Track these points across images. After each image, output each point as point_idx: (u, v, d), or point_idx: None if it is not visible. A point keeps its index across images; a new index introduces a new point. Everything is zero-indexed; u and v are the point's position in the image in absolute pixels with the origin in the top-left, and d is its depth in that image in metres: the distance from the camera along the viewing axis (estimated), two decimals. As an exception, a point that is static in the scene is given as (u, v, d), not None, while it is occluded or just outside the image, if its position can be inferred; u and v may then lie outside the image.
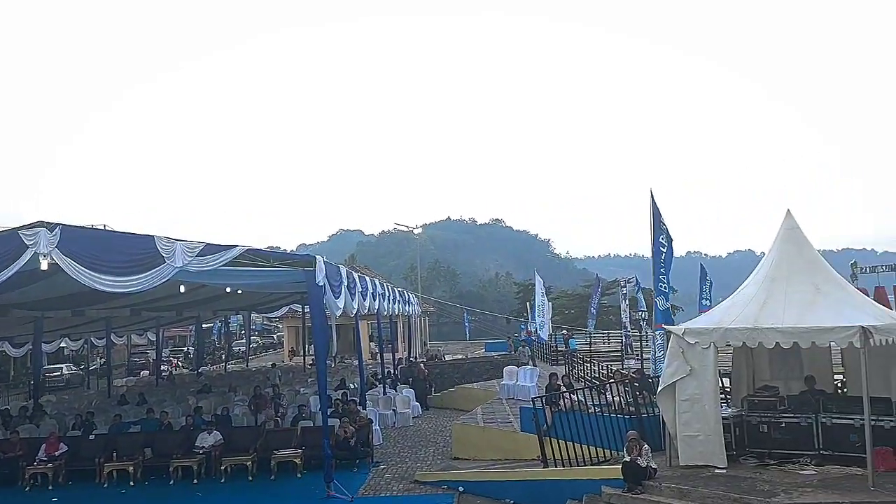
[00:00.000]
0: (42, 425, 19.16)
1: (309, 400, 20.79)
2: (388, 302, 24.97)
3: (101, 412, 20.66)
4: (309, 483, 14.37)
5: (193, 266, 13.14)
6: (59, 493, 15.00)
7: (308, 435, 16.10)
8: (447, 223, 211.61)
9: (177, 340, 61.60)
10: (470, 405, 22.44)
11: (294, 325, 46.42)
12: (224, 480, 15.11)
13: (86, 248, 13.00)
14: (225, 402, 21.93)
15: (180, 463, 15.49)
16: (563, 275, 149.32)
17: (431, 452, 17.60)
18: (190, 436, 16.54)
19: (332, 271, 15.29)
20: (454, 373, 32.11)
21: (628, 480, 10.66)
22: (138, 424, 18.39)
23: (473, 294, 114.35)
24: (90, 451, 16.12)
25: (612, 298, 53.76)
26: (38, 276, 14.27)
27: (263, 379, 28.74)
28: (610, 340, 40.13)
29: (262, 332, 72.32)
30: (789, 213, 12.33)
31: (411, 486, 14.19)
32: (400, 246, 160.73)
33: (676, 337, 11.40)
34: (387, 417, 21.63)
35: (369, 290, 20.39)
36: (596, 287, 36.45)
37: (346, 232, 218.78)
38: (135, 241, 13.37)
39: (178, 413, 19.97)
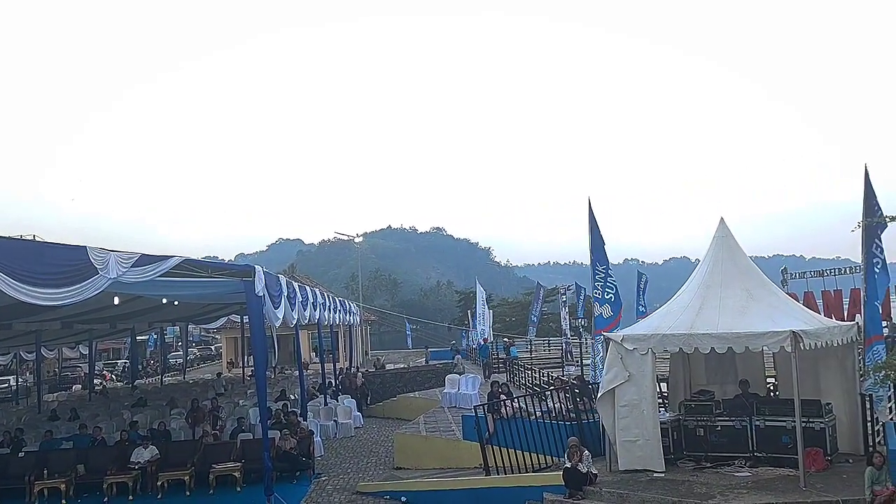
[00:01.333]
0: (-33, 443, 18.38)
1: (248, 412, 20.46)
2: (329, 311, 24.79)
3: (30, 428, 19.97)
4: (249, 497, 14.15)
5: (128, 277, 12.81)
6: (-14, 513, 14.47)
7: (248, 447, 15.85)
8: (388, 232, 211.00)
9: (111, 353, 59.85)
10: (412, 414, 22.41)
11: (233, 336, 45.56)
12: (161, 496, 14.79)
13: (14, 260, 12.52)
14: (161, 415, 21.40)
15: (115, 479, 15.06)
16: (504, 283, 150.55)
17: (374, 463, 17.53)
18: (125, 451, 16.11)
19: (271, 281, 15.13)
20: (396, 382, 32.04)
21: (569, 486, 10.80)
22: (70, 440, 17.83)
23: (415, 303, 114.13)
24: (19, 469, 15.55)
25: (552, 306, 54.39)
26: (-38, 288, 13.71)
27: (202, 391, 28.15)
28: (550, 347, 40.58)
29: (200, 343, 70.81)
30: (723, 221, 12.70)
31: (353, 497, 14.11)
32: (341, 255, 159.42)
33: (615, 343, 11.62)
34: (328, 428, 21.45)
35: (309, 299, 20.20)
36: (537, 294, 36.77)
37: (286, 241, 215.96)
38: (66, 253, 12.95)
39: (113, 428, 19.43)
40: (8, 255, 12.47)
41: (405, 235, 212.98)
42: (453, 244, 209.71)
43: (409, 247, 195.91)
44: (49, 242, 13.91)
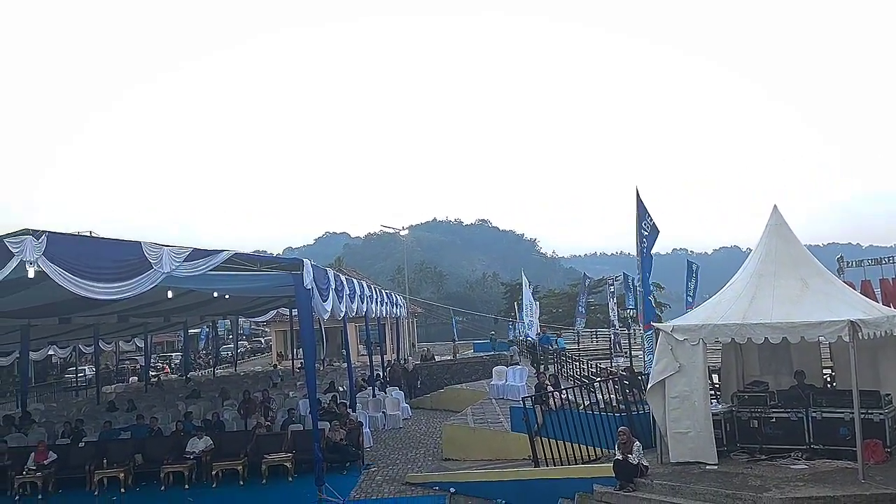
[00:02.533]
0: (31, 433, 19.00)
1: (298, 403, 20.76)
2: (376, 304, 24.99)
3: (90, 419, 20.54)
4: (300, 487, 14.34)
5: (181, 271, 13.09)
6: (50, 501, 14.94)
7: (298, 438, 16.06)
8: (433, 224, 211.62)
9: (165, 346, 61.30)
10: (460, 406, 22.46)
11: (281, 329, 46.27)
12: (215, 485, 15.08)
13: (72, 255, 12.91)
14: (214, 407, 21.86)
15: (171, 469, 15.42)
16: (550, 274, 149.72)
17: (422, 454, 17.62)
18: (180, 441, 16.48)
19: (319, 274, 15.29)
20: (443, 373, 32.15)
21: (620, 478, 10.71)
22: (128, 431, 18.32)
23: (461, 295, 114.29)
24: (80, 459, 16.00)
25: (599, 297, 53.96)
26: (25, 283, 14.16)
27: (253, 383, 28.64)
28: (598, 339, 40.26)
29: (250, 336, 72.03)
30: (776, 208, 12.42)
31: (403, 487, 14.21)
32: (386, 248, 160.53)
33: (665, 334, 11.47)
34: (377, 420, 21.63)
35: (357, 292, 20.38)
36: (583, 285, 36.48)
37: (333, 235, 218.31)
38: (122, 248, 13.29)
39: (168, 419, 19.88)
40: (67, 252, 12.88)
41: (450, 228, 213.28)
42: (499, 236, 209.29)
43: (454, 239, 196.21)
44: (105, 238, 14.30)
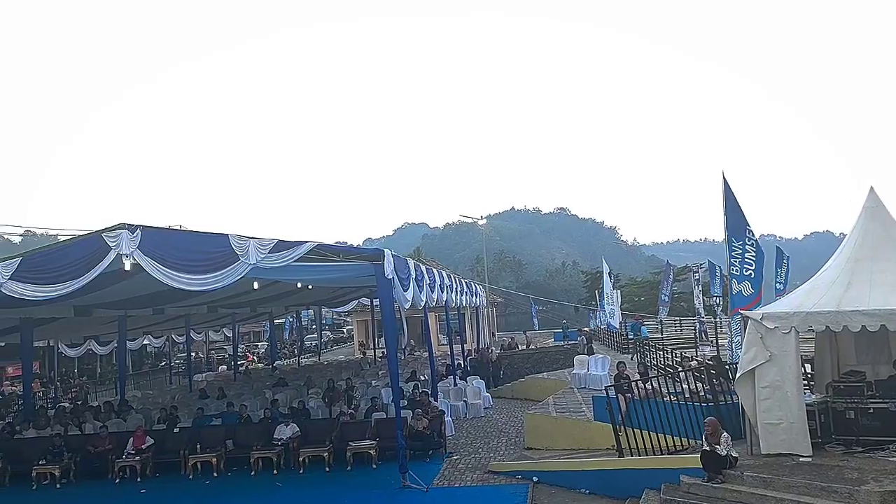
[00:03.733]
0: (129, 419, 19.92)
1: (381, 392, 21.06)
2: (456, 293, 25.06)
3: (183, 406, 21.36)
4: (384, 474, 14.56)
5: (266, 263, 13.43)
6: (148, 484, 15.62)
7: (382, 426, 16.31)
8: (511, 213, 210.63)
9: (251, 336, 63.22)
10: (541, 395, 22.36)
11: (363, 319, 47.02)
12: (303, 471, 15.47)
13: (165, 248, 13.44)
14: (300, 395, 22.40)
15: (260, 454, 15.91)
16: (631, 262, 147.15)
17: (504, 443, 17.62)
18: (268, 428, 16.95)
19: (400, 264, 15.42)
20: (524, 363, 32.05)
21: (708, 469, 10.46)
22: (219, 418, 18.94)
23: (540, 284, 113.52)
24: (175, 444, 16.69)
25: (682, 285, 52.73)
26: (121, 276, 14.81)
27: (337, 372, 29.21)
28: (682, 328, 39.39)
29: (333, 326, 73.55)
30: (872, 190, 11.85)
31: (485, 476, 14.24)
32: (465, 237, 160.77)
33: (755, 322, 11.10)
34: (458, 409, 21.74)
35: (437, 282, 20.48)
36: (667, 273, 35.66)
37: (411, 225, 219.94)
38: (210, 240, 13.75)
39: (256, 406, 20.49)
40: (159, 244, 13.40)
41: (529, 216, 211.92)
42: (578, 224, 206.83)
43: (533, 228, 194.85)
44: (195, 231, 14.81)
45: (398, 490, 13.45)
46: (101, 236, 13.40)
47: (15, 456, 16.73)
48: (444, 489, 13.55)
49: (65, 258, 13.77)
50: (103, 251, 13.28)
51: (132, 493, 15.08)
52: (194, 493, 14.76)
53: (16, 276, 13.72)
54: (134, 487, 15.46)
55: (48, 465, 16.07)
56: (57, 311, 19.47)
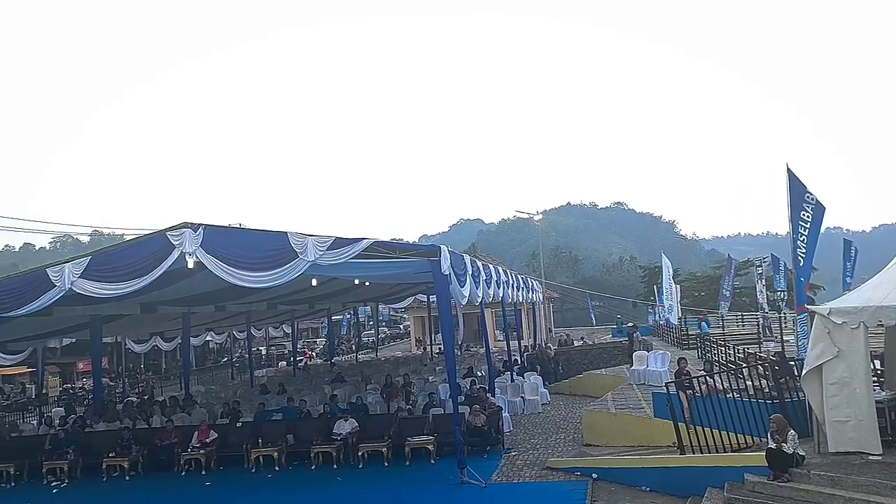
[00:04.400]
0: (193, 414, 20.43)
1: (438, 388, 21.13)
2: (512, 289, 24.98)
3: (245, 401, 21.79)
4: (443, 469, 14.61)
5: (324, 260, 13.61)
6: (212, 477, 16.01)
7: (439, 422, 16.38)
8: (567, 208, 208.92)
9: (310, 332, 64.15)
10: (599, 391, 22.14)
11: (419, 315, 47.28)
12: (362, 466, 15.64)
13: (226, 246, 13.75)
14: (358, 390, 22.64)
15: (320, 449, 16.13)
16: (691, 256, 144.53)
17: (562, 439, 17.51)
18: (328, 423, 17.18)
19: (456, 260, 15.43)
20: (581, 358, 31.78)
21: (774, 468, 10.21)
22: (280, 412, 19.26)
23: (597, 279, 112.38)
24: (238, 438, 17.06)
25: (744, 279, 51.62)
26: (184, 274, 15.20)
27: (394, 367, 29.43)
28: (744, 323, 38.55)
29: (389, 322, 74.09)
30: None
31: (543, 472, 14.18)
32: (520, 233, 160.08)
33: (822, 317, 10.77)
34: (515, 405, 21.68)
35: (493, 277, 20.44)
36: (728, 268, 34.95)
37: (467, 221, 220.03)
38: (269, 238, 14.00)
39: (316, 401, 20.78)
40: (221, 243, 13.71)
41: (585, 211, 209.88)
42: (635, 218, 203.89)
43: (589, 223, 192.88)
44: (254, 229, 15.08)
45: (456, 485, 13.49)
46: (165, 235, 13.79)
47: (86, 448, 17.34)
48: (502, 485, 13.54)
49: (131, 257, 14.24)
50: (167, 250, 13.67)
51: (198, 486, 15.45)
52: (257, 487, 15.05)
53: (85, 274, 14.24)
54: (199, 480, 15.85)
55: (117, 458, 16.61)
56: (124, 308, 20.05)
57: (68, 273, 14.24)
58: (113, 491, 15.72)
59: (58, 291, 14.32)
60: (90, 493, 15.71)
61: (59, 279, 14.27)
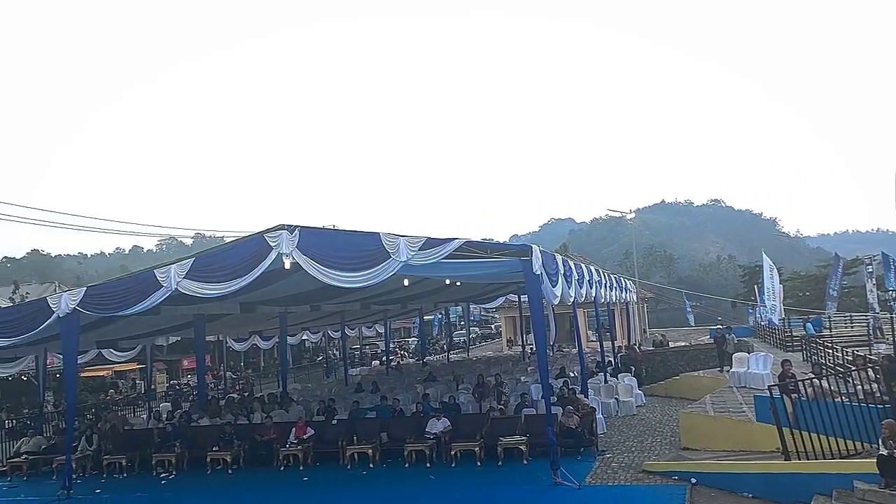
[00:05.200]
0: (291, 411, 21.01)
1: (530, 388, 21.00)
2: (605, 289, 24.57)
3: (340, 399, 22.24)
4: (535, 470, 14.50)
5: (416, 260, 13.72)
6: (309, 473, 16.43)
7: (532, 422, 16.26)
8: (661, 206, 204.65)
9: (402, 332, 64.93)
10: (697, 394, 21.51)
11: (511, 315, 47.18)
12: (454, 465, 15.70)
13: (321, 247, 14.07)
14: (449, 390, 22.75)
15: (413, 447, 16.28)
16: (794, 255, 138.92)
17: (658, 442, 17.11)
18: (421, 422, 17.33)
19: (548, 260, 15.28)
20: (678, 360, 30.95)
21: (886, 475, 9.65)
22: (374, 411, 19.57)
23: (693, 279, 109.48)
24: (333, 435, 17.44)
25: (852, 278, 49.18)
26: (281, 274, 15.64)
27: (486, 367, 29.45)
28: (853, 324, 36.71)
29: (480, 322, 74.16)
30: None
31: (639, 475, 13.88)
32: (613, 232, 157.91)
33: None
34: (609, 406, 21.33)
35: (585, 277, 20.16)
36: (835, 266, 33.36)
37: (558, 221, 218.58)
38: (363, 239, 14.23)
39: (409, 400, 21.01)
40: (316, 244, 14.04)
41: (680, 209, 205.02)
42: (733, 216, 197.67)
43: (684, 221, 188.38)
44: (347, 230, 15.38)
45: (550, 486, 13.35)
46: (263, 237, 14.24)
47: (192, 442, 18.12)
48: (596, 487, 13.33)
49: (231, 258, 14.77)
50: (265, 251, 14.12)
51: (296, 481, 15.87)
52: (352, 483, 15.33)
53: (189, 275, 14.86)
54: (297, 475, 16.28)
55: (221, 452, 17.27)
56: (225, 307, 20.79)
57: (174, 274, 14.90)
58: (217, 483, 16.34)
59: (164, 291, 15.01)
60: (196, 485, 16.37)
61: (166, 280, 14.95)
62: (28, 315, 16.66)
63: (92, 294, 15.90)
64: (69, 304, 15.76)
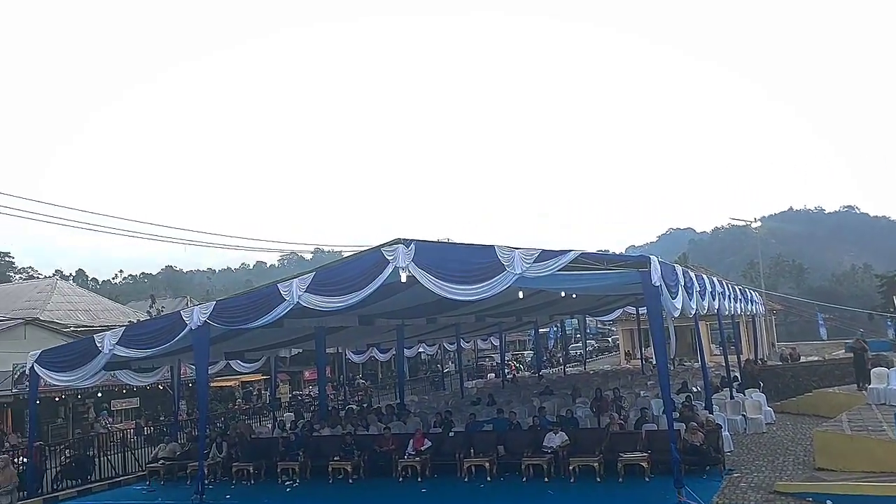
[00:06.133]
0: (408, 422, 21.26)
1: (650, 403, 20.40)
2: (729, 300, 23.54)
3: (456, 411, 22.33)
4: (658, 488, 14.02)
5: (531, 272, 13.63)
6: (427, 484, 16.55)
7: (653, 438, 15.77)
8: (789, 214, 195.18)
9: (517, 344, 64.71)
10: (832, 411, 20.25)
11: (628, 328, 46.06)
12: (573, 480, 15.40)
13: (436, 261, 14.24)
14: (566, 403, 22.40)
15: (530, 461, 16.09)
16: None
17: (790, 461, 16.20)
18: (537, 435, 17.12)
19: (667, 271, 14.79)
20: (810, 376, 29.30)
21: None
22: (490, 423, 19.50)
23: (825, 289, 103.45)
24: (450, 447, 17.48)
25: None
26: (398, 287, 15.90)
27: (603, 381, 28.86)
28: None
29: (597, 335, 72.91)
30: None
31: (770, 496, 13.16)
32: (736, 242, 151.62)
33: None
34: (736, 423, 20.38)
35: (707, 288, 19.38)
36: None
37: (676, 231, 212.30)
38: (477, 252, 14.30)
39: (525, 413, 20.82)
40: (431, 257, 14.22)
41: (809, 217, 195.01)
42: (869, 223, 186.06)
43: (814, 229, 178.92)
44: (462, 244, 15.50)
45: (674, 505, 12.91)
46: (380, 251, 14.57)
47: (314, 451, 18.63)
48: (724, 508, 12.76)
49: (349, 272, 15.19)
50: (382, 265, 14.42)
51: (414, 492, 16.04)
52: (470, 496, 15.35)
53: (310, 289, 15.38)
54: (415, 486, 16.44)
55: (341, 462, 17.67)
56: (345, 320, 21.31)
57: (295, 288, 15.44)
58: (338, 492, 16.75)
59: (287, 305, 15.57)
60: (318, 494, 16.85)
61: (288, 294, 15.51)
62: (164, 328, 17.68)
63: (221, 307, 16.72)
64: (200, 317, 16.61)
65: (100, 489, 19.51)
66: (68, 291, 45.98)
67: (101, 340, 17.92)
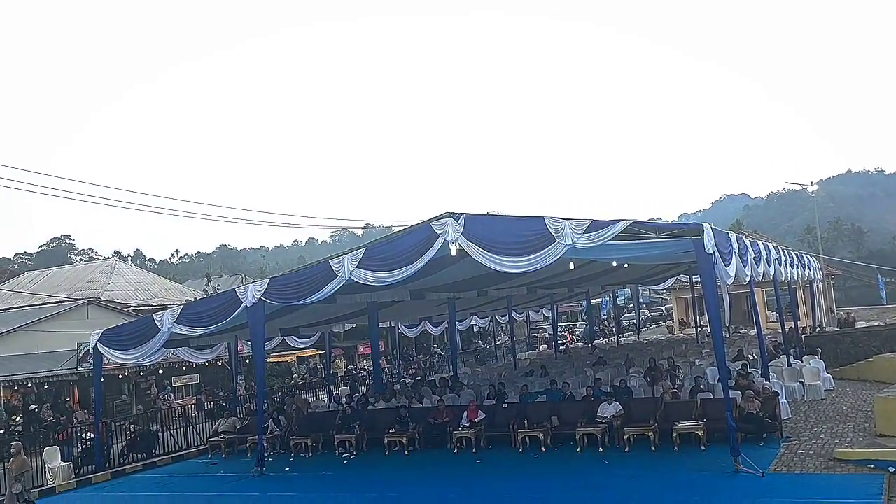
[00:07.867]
0: (462, 395, 21.48)
1: (705, 372, 20.23)
2: (785, 266, 23.09)
3: (509, 383, 22.45)
4: (714, 456, 13.97)
5: (581, 243, 13.56)
6: (482, 455, 16.75)
7: (708, 407, 15.68)
8: (847, 176, 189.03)
9: (569, 315, 64.51)
10: (894, 377, 19.83)
11: (682, 297, 45.54)
12: (628, 450, 15.42)
13: (486, 233, 14.27)
14: (620, 373, 22.34)
15: (584, 431, 16.16)
16: None
17: (850, 428, 15.91)
18: (591, 406, 17.14)
19: (720, 238, 14.59)
20: (870, 341, 28.60)
21: None
22: (544, 394, 19.60)
23: (886, 252, 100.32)
24: (504, 419, 17.63)
25: None
26: (448, 261, 16.00)
27: (657, 350, 28.65)
28: None
29: (650, 304, 72.20)
30: None
31: (830, 463, 12.98)
32: (792, 206, 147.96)
33: None
34: (793, 390, 20.08)
35: (762, 255, 19.06)
36: None
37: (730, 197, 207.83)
38: (527, 223, 14.25)
39: (578, 384, 20.85)
40: (481, 230, 14.25)
41: (869, 178, 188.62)
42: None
43: (875, 191, 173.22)
44: (511, 216, 15.48)
45: (731, 474, 12.81)
46: (429, 225, 14.65)
47: (370, 424, 19.01)
48: (783, 475, 12.62)
49: (400, 246, 15.33)
50: (432, 239, 14.52)
51: (469, 463, 16.23)
52: (525, 466, 15.44)
53: (361, 264, 15.58)
54: (470, 458, 16.64)
55: (397, 434, 17.96)
56: (396, 294, 21.53)
57: (347, 264, 15.66)
58: (395, 464, 17.04)
59: (339, 281, 15.82)
60: (375, 465, 17.16)
61: (340, 269, 15.74)
62: (220, 306, 18.12)
63: (275, 285, 17.05)
64: (255, 294, 16.98)
65: (164, 463, 20.24)
66: (127, 272, 47.32)
67: (161, 319, 18.47)
